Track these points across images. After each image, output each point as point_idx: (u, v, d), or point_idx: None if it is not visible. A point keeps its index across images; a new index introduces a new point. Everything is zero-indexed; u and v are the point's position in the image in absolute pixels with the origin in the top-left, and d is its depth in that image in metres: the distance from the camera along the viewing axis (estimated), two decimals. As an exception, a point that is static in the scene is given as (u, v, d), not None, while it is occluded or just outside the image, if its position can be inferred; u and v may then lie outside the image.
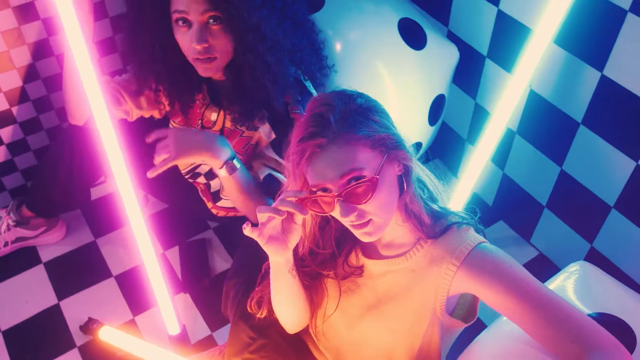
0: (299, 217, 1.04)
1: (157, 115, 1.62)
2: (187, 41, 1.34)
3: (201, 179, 1.67)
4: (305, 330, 1.32)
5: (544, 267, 1.95)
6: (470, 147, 2.06)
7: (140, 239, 1.45)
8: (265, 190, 1.47)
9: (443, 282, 1.07)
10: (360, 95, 1.04)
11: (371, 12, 1.75)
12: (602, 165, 1.60)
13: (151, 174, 1.37)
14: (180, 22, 1.33)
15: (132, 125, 1.61)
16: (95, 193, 2.07)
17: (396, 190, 1.05)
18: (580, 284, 1.19)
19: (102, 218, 2.04)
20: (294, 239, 1.05)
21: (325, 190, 1.01)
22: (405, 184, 1.06)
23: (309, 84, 1.50)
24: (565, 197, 1.78)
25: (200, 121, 1.57)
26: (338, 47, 1.71)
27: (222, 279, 1.86)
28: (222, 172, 1.38)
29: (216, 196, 1.67)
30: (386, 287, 1.14)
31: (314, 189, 1.01)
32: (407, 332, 1.14)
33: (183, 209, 2.01)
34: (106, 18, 1.83)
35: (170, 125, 1.64)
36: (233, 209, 1.68)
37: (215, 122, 1.54)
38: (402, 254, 1.11)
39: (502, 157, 1.93)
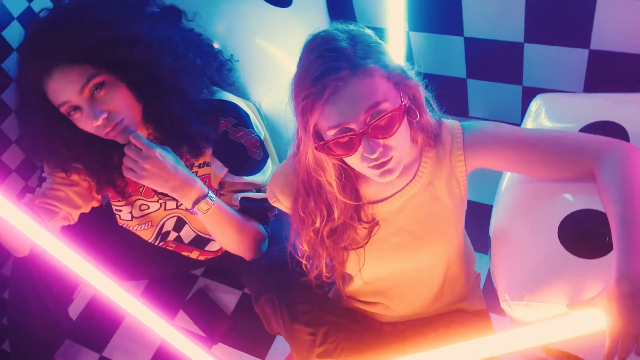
0: None
1: (96, 204, 1.54)
2: (88, 127, 1.28)
3: (171, 236, 1.61)
4: (354, 295, 1.33)
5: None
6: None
7: (149, 322, 1.36)
8: (247, 213, 1.44)
9: (459, 170, 1.11)
10: (355, 26, 1.00)
11: (226, -2, 1.73)
12: (497, 13, 1.68)
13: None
14: (72, 112, 1.26)
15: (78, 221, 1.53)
16: (73, 312, 1.94)
17: (407, 121, 1.03)
18: (552, 113, 1.26)
19: (93, 331, 1.92)
20: None
21: (345, 130, 0.96)
22: (417, 112, 1.03)
23: (220, 94, 1.47)
24: (480, 58, 1.87)
25: (141, 189, 1.51)
26: (215, 45, 1.68)
27: (242, 312, 1.85)
28: (197, 212, 1.33)
29: (200, 242, 1.62)
30: (412, 216, 1.16)
31: (332, 132, 0.97)
32: (454, 235, 1.19)
33: (164, 276, 1.94)
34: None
35: (113, 206, 1.56)
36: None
37: None
38: (413, 176, 1.13)
39: (407, 59, 1.98)
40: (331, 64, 0.93)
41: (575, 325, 0.97)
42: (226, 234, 1.40)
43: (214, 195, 1.34)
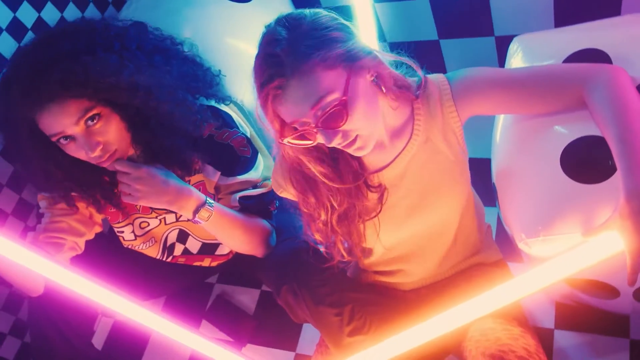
0: None
1: (99, 229, 1.54)
2: (82, 154, 1.27)
3: (178, 249, 1.61)
4: (374, 267, 1.34)
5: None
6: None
7: (175, 336, 1.35)
8: (248, 211, 1.45)
9: (454, 121, 1.12)
10: (303, 15, 1.01)
11: (187, 2, 1.71)
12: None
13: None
14: (62, 141, 1.25)
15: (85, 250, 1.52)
16: (97, 342, 1.94)
17: (374, 96, 1.04)
18: (532, 52, 1.26)
19: (121, 356, 1.92)
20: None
21: (302, 124, 1.00)
22: (383, 87, 1.05)
23: (200, 100, 1.47)
24: (448, 17, 1.87)
25: (139, 206, 1.50)
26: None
27: (264, 309, 1.85)
28: (199, 221, 1.34)
29: (209, 249, 1.62)
30: (417, 175, 1.17)
31: (294, 125, 1.01)
32: (461, 185, 1.20)
33: (180, 290, 1.93)
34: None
35: (115, 229, 1.56)
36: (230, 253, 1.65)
37: None
38: (410, 137, 1.14)
39: (378, 33, 1.98)
40: (269, 72, 0.97)
41: (594, 252, 0.98)
42: (233, 237, 1.41)
43: (212, 201, 1.35)
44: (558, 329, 1.45)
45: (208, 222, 1.35)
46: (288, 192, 1.24)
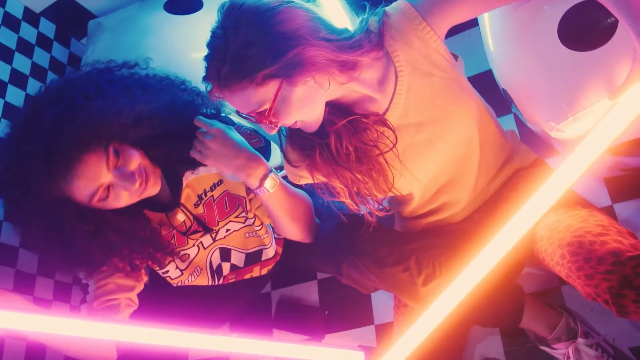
0: None
1: (145, 277, 1.53)
2: (125, 198, 1.27)
3: (225, 269, 1.60)
4: (419, 210, 1.33)
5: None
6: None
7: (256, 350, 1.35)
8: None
9: (433, 41, 1.12)
10: (242, 18, 1.02)
11: (142, 33, 1.70)
12: None
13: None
14: (103, 194, 1.24)
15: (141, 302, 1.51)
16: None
17: (317, 92, 1.07)
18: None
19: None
20: None
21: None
22: (327, 82, 1.07)
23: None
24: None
25: (173, 239, 1.49)
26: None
27: (328, 297, 1.84)
28: (265, 189, 1.31)
29: (255, 258, 1.61)
30: (419, 106, 1.16)
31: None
32: (466, 97, 1.18)
33: (239, 311, 1.93)
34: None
35: (160, 272, 1.55)
36: (273, 258, 1.64)
37: (183, 222, 1.47)
38: (395, 75, 1.13)
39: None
40: (209, 80, 1.07)
41: (628, 110, 0.95)
42: (287, 211, 1.39)
43: (275, 171, 1.34)
44: (616, 203, 1.43)
45: (272, 193, 1.31)
46: (306, 178, 1.26)
